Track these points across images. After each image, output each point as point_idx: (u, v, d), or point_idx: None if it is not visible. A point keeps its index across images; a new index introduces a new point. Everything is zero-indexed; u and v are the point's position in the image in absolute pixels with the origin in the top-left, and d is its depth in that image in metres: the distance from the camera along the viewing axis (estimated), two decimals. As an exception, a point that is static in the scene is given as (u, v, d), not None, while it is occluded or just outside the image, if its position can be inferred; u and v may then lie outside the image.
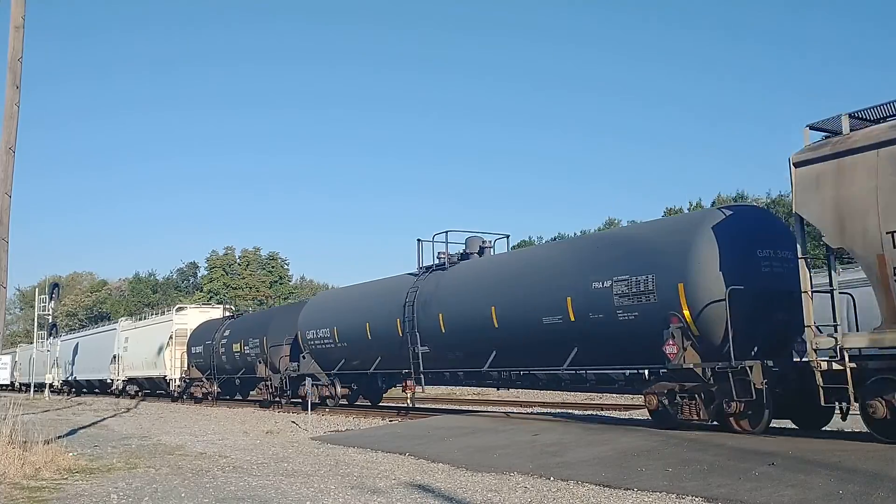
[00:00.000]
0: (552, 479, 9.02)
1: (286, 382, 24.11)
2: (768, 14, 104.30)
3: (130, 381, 39.87)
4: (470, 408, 22.65)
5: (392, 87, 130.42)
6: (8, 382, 61.41)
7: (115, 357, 40.83)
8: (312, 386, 20.86)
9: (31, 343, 59.01)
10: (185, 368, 33.27)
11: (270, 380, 25.09)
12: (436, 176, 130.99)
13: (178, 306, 37.47)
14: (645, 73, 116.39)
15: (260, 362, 25.56)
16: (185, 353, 33.18)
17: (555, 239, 66.58)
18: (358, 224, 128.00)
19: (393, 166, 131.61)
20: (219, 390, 30.80)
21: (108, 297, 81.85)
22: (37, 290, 56.59)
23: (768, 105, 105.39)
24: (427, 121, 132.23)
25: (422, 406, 23.36)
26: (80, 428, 18.15)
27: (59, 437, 14.22)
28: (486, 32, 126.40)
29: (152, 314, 42.93)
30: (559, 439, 12.05)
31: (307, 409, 19.36)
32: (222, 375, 29.72)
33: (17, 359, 60.13)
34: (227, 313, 34.96)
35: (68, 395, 47.54)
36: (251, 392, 31.18)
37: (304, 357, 22.87)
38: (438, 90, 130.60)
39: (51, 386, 49.05)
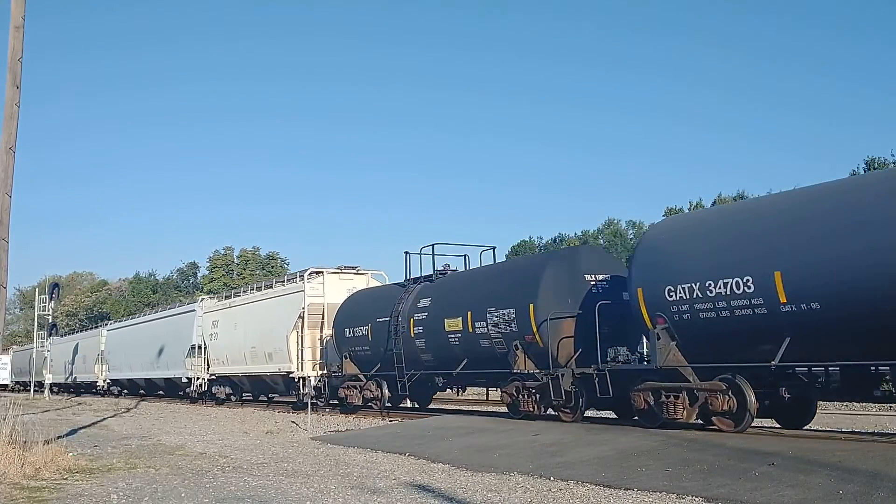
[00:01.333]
0: (552, 479, 9.03)
1: (603, 382, 13.51)
2: (765, 20, 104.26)
3: (220, 379, 29.81)
4: (470, 408, 22.59)
5: (388, 97, 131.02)
6: (8, 383, 60.60)
7: (194, 348, 30.61)
8: (682, 394, 11.93)
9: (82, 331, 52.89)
10: (320, 361, 23.32)
11: (551, 380, 14.48)
12: (433, 180, 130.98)
13: (310, 271, 24.83)
14: (646, 76, 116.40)
15: (517, 348, 15.06)
16: (329, 340, 22.77)
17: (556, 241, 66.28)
18: (358, 223, 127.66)
19: (393, 169, 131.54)
20: (388, 394, 20.04)
21: (108, 297, 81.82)
22: (37, 290, 56.09)
23: (769, 105, 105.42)
24: (424, 128, 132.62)
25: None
26: (80, 428, 18.14)
27: (59, 437, 14.21)
28: (483, 47, 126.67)
29: (255, 285, 30.04)
30: (559, 439, 12.05)
31: (307, 409, 19.30)
32: (415, 371, 18.55)
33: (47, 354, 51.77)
34: (375, 281, 24.50)
35: (116, 396, 40.28)
36: (438, 394, 21.14)
37: (658, 336, 12.04)
38: (433, 99, 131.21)
39: (100, 386, 42.25)
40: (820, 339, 10.29)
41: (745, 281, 10.80)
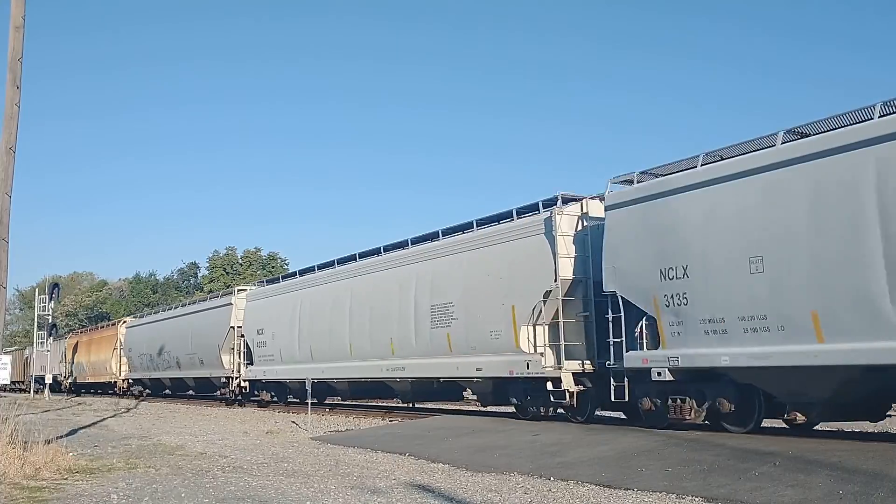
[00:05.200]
0: (552, 479, 9.04)
1: None
2: (773, 4, 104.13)
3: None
4: (469, 408, 22.58)
5: (395, 82, 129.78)
6: (8, 382, 59.06)
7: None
8: None
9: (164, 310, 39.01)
10: None
11: None
12: (439, 170, 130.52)
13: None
14: (652, 64, 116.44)
15: None
16: None
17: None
18: (357, 220, 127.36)
19: (394, 161, 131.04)
20: None
21: (108, 297, 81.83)
22: (36, 290, 56.00)
23: (772, 97, 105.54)
24: (429, 114, 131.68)
25: (422, 407, 22.75)
26: (81, 428, 18.15)
27: (60, 437, 14.21)
28: (485, 26, 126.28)
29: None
30: (559, 439, 12.06)
31: (307, 409, 19.34)
32: None
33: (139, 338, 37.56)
34: None
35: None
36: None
37: None
38: (439, 84, 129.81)
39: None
40: None
41: None
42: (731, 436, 11.00)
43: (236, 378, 27.38)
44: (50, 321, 46.83)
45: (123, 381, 39.95)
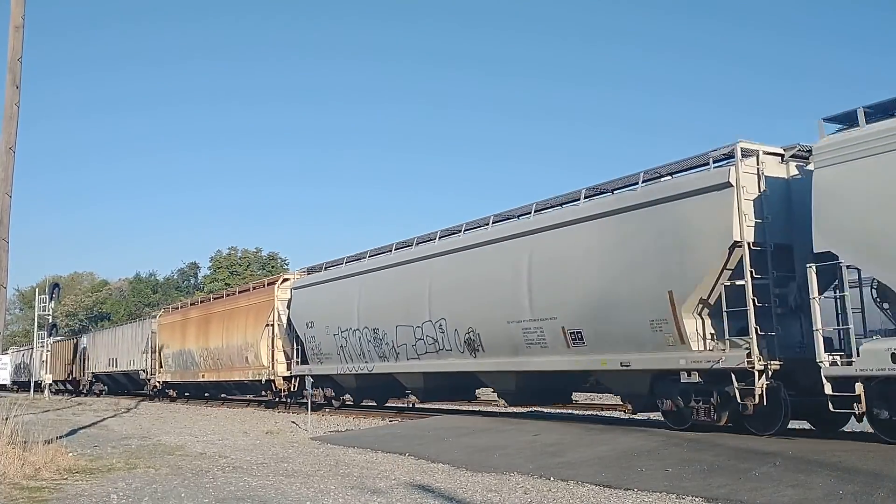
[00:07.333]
0: (552, 479, 9.04)
1: None
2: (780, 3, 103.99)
3: None
4: (469, 408, 22.57)
5: (395, 82, 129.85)
6: (8, 382, 58.71)
7: None
8: None
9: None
10: None
11: None
12: (439, 170, 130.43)
13: None
14: (651, 62, 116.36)
15: None
16: None
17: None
18: (358, 220, 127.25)
19: (395, 160, 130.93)
20: None
21: (108, 297, 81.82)
22: (37, 290, 55.85)
23: (775, 95, 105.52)
24: (429, 114, 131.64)
25: (421, 406, 22.32)
26: (81, 428, 18.15)
27: (60, 437, 14.22)
28: (485, 25, 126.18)
29: None
30: (559, 439, 12.06)
31: (307, 409, 19.34)
32: None
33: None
34: None
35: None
36: None
37: None
38: (440, 84, 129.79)
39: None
40: None
41: None
42: (731, 436, 11.00)
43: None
44: (50, 321, 46.82)
45: (286, 379, 23.81)
